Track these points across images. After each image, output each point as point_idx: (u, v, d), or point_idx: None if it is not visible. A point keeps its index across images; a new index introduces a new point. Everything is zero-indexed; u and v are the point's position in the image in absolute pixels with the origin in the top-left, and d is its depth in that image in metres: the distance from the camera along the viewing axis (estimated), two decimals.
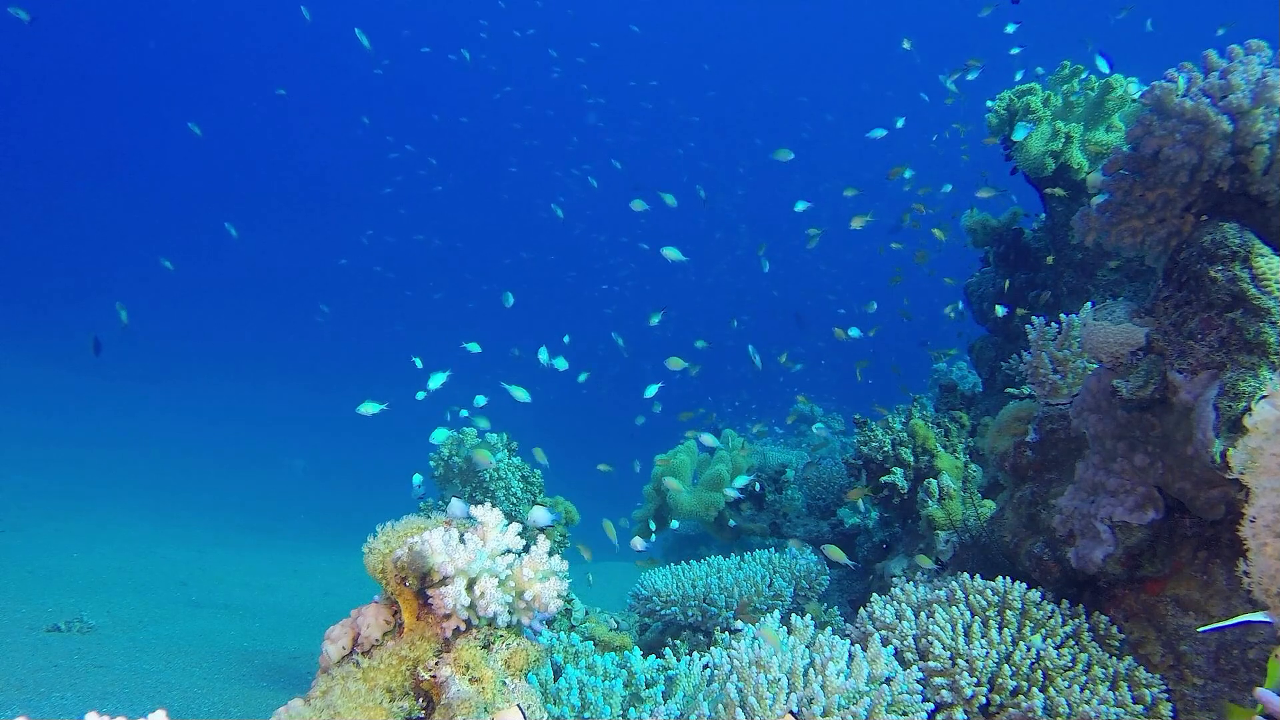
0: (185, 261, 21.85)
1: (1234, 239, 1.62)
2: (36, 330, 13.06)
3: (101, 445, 8.41)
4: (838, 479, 3.60)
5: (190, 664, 2.99)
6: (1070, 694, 1.59)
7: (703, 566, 2.68)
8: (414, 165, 19.79)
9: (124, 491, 6.83)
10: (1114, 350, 1.77)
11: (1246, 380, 1.54)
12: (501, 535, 1.31)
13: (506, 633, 1.30)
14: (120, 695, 2.54)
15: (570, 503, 3.22)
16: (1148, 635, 1.74)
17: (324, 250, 21.47)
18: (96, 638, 3.17)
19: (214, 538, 6.00)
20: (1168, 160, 1.75)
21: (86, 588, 3.91)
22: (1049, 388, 2.10)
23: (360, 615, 1.32)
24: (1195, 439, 1.59)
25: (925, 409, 2.91)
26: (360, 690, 1.22)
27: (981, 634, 1.71)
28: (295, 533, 6.99)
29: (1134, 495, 1.72)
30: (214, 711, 2.53)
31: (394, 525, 1.34)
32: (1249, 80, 1.69)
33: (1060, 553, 1.86)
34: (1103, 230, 1.91)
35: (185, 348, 15.67)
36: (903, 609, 1.84)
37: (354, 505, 7.38)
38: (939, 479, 2.59)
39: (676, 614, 2.54)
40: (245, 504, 7.61)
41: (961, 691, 1.63)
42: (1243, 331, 1.57)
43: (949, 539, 2.55)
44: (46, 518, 5.37)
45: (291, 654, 3.39)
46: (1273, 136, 1.67)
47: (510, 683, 1.27)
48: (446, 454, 3.27)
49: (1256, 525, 1.19)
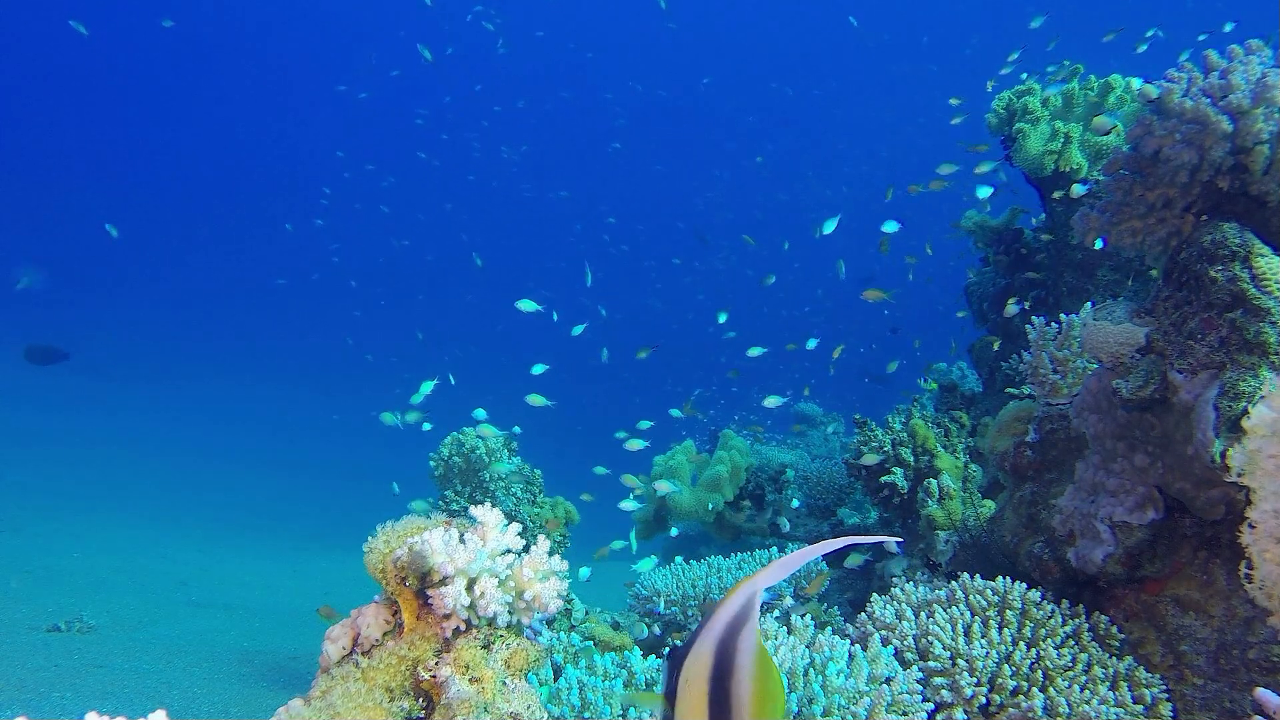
0: (185, 261, 21.89)
1: (1234, 239, 1.62)
2: (36, 330, 13.06)
3: (101, 445, 8.40)
4: (837, 479, 3.60)
5: (190, 664, 2.99)
6: (1070, 694, 1.59)
7: (703, 566, 2.68)
8: (416, 165, 19.81)
9: (124, 491, 6.82)
10: (1114, 350, 1.77)
11: (1246, 380, 1.54)
12: (501, 535, 1.31)
13: (506, 633, 1.30)
14: (120, 695, 2.54)
15: (570, 503, 3.21)
16: (1148, 635, 1.74)
17: (324, 250, 21.48)
18: (96, 638, 3.17)
19: (214, 538, 6.00)
20: (1168, 160, 1.75)
21: (86, 588, 3.91)
22: (1049, 388, 2.10)
23: (360, 615, 1.32)
24: (1195, 439, 1.59)
25: (925, 409, 2.91)
26: (360, 690, 1.22)
27: (981, 634, 1.71)
28: (295, 533, 6.98)
29: (1134, 495, 1.72)
30: (214, 711, 2.53)
31: (394, 525, 1.34)
32: (1249, 80, 1.69)
33: (1060, 553, 1.86)
34: (1103, 230, 1.91)
35: (185, 348, 15.67)
36: (903, 609, 1.84)
37: (354, 505, 7.37)
38: (939, 479, 2.59)
39: (676, 614, 2.54)
40: (245, 504, 7.61)
41: (961, 691, 1.63)
42: (1243, 331, 1.57)
43: (949, 539, 2.55)
44: (46, 518, 5.37)
45: (291, 654, 3.39)
46: (1273, 136, 1.67)
47: (510, 683, 1.27)
48: (446, 454, 3.26)
49: (1257, 531, 1.19)
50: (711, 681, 0.66)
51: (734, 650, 0.66)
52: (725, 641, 0.66)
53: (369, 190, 21.09)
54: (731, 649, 0.66)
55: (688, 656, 0.67)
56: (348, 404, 13.24)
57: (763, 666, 0.67)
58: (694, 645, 0.67)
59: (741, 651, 0.66)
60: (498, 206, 23.35)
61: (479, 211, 23.55)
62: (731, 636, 0.66)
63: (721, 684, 0.66)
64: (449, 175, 22.60)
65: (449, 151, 21.63)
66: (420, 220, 22.13)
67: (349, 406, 12.71)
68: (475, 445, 3.22)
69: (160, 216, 22.50)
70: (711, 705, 0.66)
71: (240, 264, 21.89)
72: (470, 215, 23.38)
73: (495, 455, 3.20)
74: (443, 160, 21.48)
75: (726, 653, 0.66)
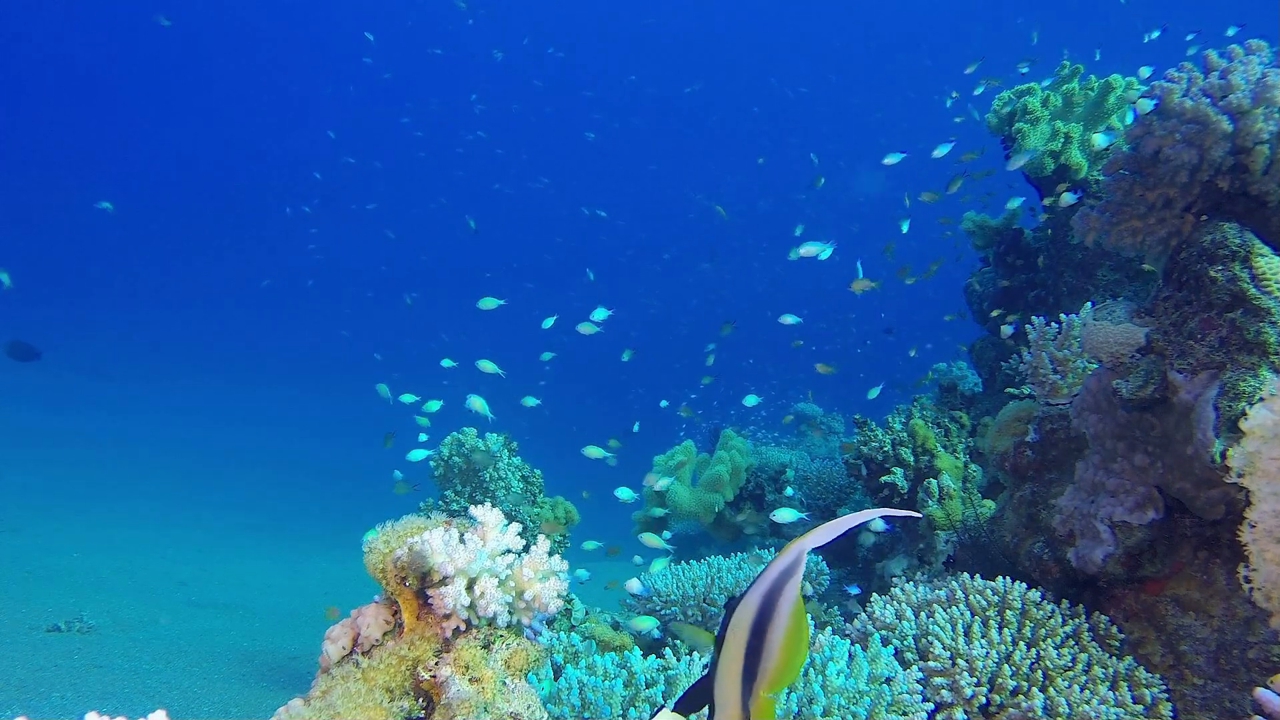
0: (185, 261, 21.89)
1: (1234, 239, 1.62)
2: (36, 330, 13.06)
3: (101, 445, 8.40)
4: (837, 479, 3.60)
5: (190, 664, 2.99)
6: (1070, 694, 1.59)
7: (703, 566, 2.68)
8: (421, 167, 19.80)
9: (124, 491, 6.82)
10: (1114, 350, 1.77)
11: (1246, 380, 1.54)
12: (501, 535, 1.31)
13: (506, 633, 1.30)
14: (120, 695, 2.54)
15: (570, 503, 3.22)
16: (1148, 635, 1.74)
17: (323, 250, 21.47)
18: (96, 638, 3.17)
19: (214, 538, 6.00)
20: (1168, 160, 1.75)
21: (86, 588, 3.91)
22: (1049, 388, 2.10)
23: (360, 615, 1.32)
24: (1195, 439, 1.59)
25: (925, 409, 2.91)
26: (360, 690, 1.22)
27: (981, 634, 1.71)
28: (295, 533, 6.98)
29: (1134, 495, 1.72)
30: (214, 711, 2.53)
31: (394, 525, 1.34)
32: (1249, 80, 1.69)
33: (1060, 553, 1.86)
34: (1103, 230, 1.91)
35: (185, 348, 15.67)
36: (903, 609, 1.84)
37: (354, 505, 7.37)
38: (939, 479, 2.59)
39: (676, 614, 2.54)
40: (245, 504, 7.61)
41: (961, 691, 1.63)
42: (1243, 331, 1.57)
43: (949, 539, 2.56)
44: (46, 518, 5.37)
45: (291, 654, 3.39)
46: (1273, 136, 1.67)
47: (510, 683, 1.27)
48: (446, 454, 3.26)
49: (1257, 531, 1.19)
50: (753, 628, 0.74)
51: (776, 601, 0.74)
52: (771, 593, 0.74)
53: (367, 189, 21.12)
54: (774, 600, 0.74)
55: (739, 605, 0.75)
56: (348, 404, 13.24)
57: (796, 619, 0.74)
58: (746, 595, 0.75)
59: (782, 603, 0.74)
60: (501, 207, 23.36)
61: (478, 212, 23.56)
62: (777, 589, 0.74)
63: (760, 631, 0.74)
64: (447, 174, 22.66)
65: (448, 151, 21.68)
66: (415, 215, 22.16)
67: (349, 406, 12.71)
68: (475, 445, 3.22)
69: (159, 216, 22.51)
70: (748, 650, 0.74)
71: (240, 264, 21.89)
72: (468, 214, 23.38)
73: (495, 456, 3.21)
74: (438, 158, 21.52)
75: (770, 603, 0.74)
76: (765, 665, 0.74)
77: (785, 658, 0.74)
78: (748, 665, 0.75)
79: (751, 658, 0.74)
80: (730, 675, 0.75)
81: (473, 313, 3.60)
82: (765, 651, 0.74)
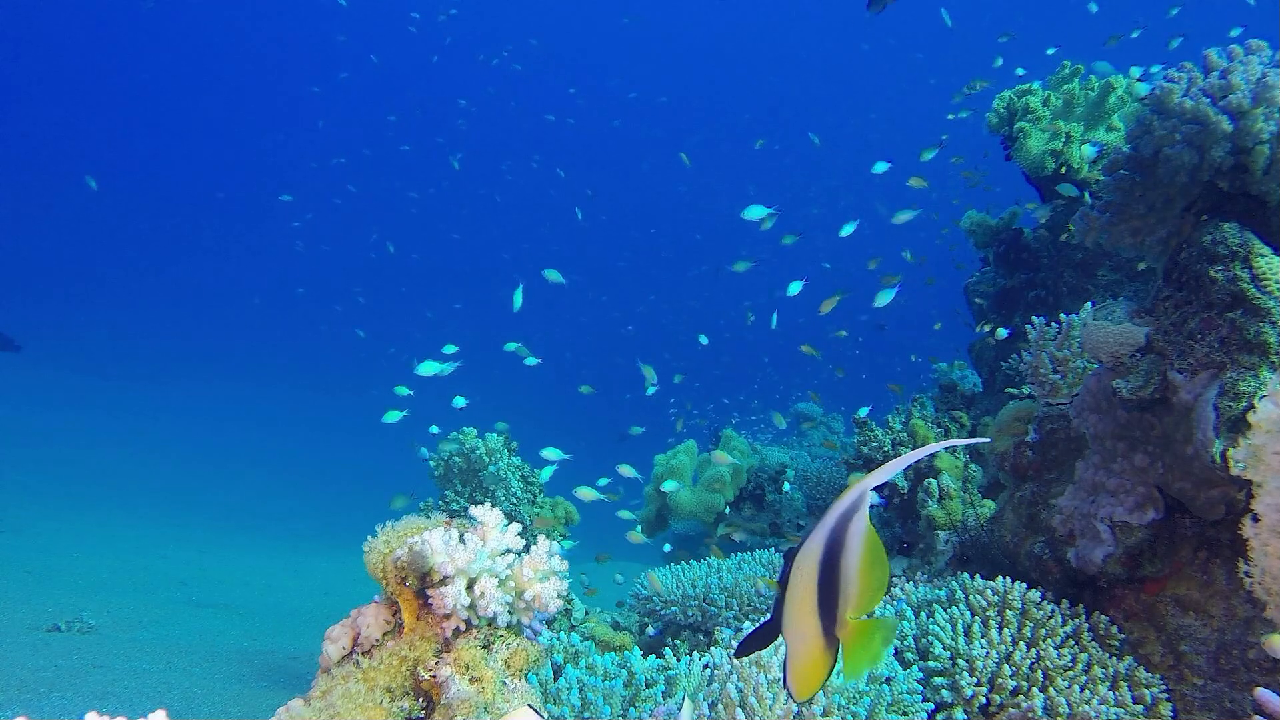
0: (185, 261, 21.89)
1: (1234, 239, 1.62)
2: (35, 330, 13.06)
3: (101, 445, 8.39)
4: (837, 479, 3.60)
5: (190, 664, 2.98)
6: (1070, 694, 1.59)
7: (703, 566, 2.68)
8: (421, 166, 19.79)
9: (124, 491, 6.82)
10: (1114, 350, 1.77)
11: (1246, 380, 1.54)
12: (501, 535, 1.31)
13: (506, 633, 1.30)
14: (120, 695, 2.54)
15: (570, 503, 3.21)
16: (1148, 635, 1.74)
17: (324, 250, 21.47)
18: (96, 638, 3.17)
19: (214, 537, 6.00)
20: (1168, 160, 1.75)
21: (86, 588, 3.91)
22: (1049, 388, 2.09)
23: (360, 615, 1.32)
24: (1195, 439, 1.59)
25: (925, 409, 2.91)
26: (360, 690, 1.22)
27: (981, 634, 1.71)
28: (295, 532, 6.98)
29: (1134, 495, 1.72)
30: (214, 711, 2.53)
31: (394, 525, 1.34)
32: (1249, 80, 1.69)
33: (1060, 553, 1.86)
34: (1103, 230, 1.91)
35: (185, 348, 15.67)
36: (902, 609, 1.84)
37: (354, 505, 7.37)
38: (939, 479, 2.59)
39: (676, 614, 2.54)
40: (245, 504, 7.60)
41: (961, 691, 1.63)
42: (1243, 331, 1.57)
43: (949, 539, 2.55)
44: (46, 518, 5.37)
45: (291, 654, 3.39)
46: (1273, 136, 1.67)
47: (510, 683, 1.27)
48: (446, 454, 3.26)
49: (1261, 525, 1.19)
50: (822, 564, 0.74)
51: (844, 535, 0.74)
52: (836, 529, 0.74)
53: (364, 186, 21.11)
54: (842, 534, 0.74)
55: (801, 549, 0.75)
56: (348, 403, 13.24)
57: (871, 545, 0.74)
58: (808, 539, 0.75)
59: (852, 535, 0.74)
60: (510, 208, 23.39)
61: (478, 211, 23.57)
62: (842, 526, 0.74)
63: (831, 565, 0.74)
64: (446, 174, 22.65)
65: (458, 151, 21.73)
66: (412, 215, 22.16)
67: (349, 406, 12.71)
68: (475, 445, 3.22)
69: (159, 215, 22.51)
70: (821, 584, 0.74)
71: (240, 262, 21.89)
72: (469, 215, 23.41)
73: (495, 455, 3.20)
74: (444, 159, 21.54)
75: (837, 538, 0.74)
76: (846, 592, 0.74)
77: (866, 580, 0.74)
78: (822, 598, 0.74)
79: (825, 590, 0.74)
80: (802, 610, 0.74)
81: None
82: (842, 580, 0.74)
